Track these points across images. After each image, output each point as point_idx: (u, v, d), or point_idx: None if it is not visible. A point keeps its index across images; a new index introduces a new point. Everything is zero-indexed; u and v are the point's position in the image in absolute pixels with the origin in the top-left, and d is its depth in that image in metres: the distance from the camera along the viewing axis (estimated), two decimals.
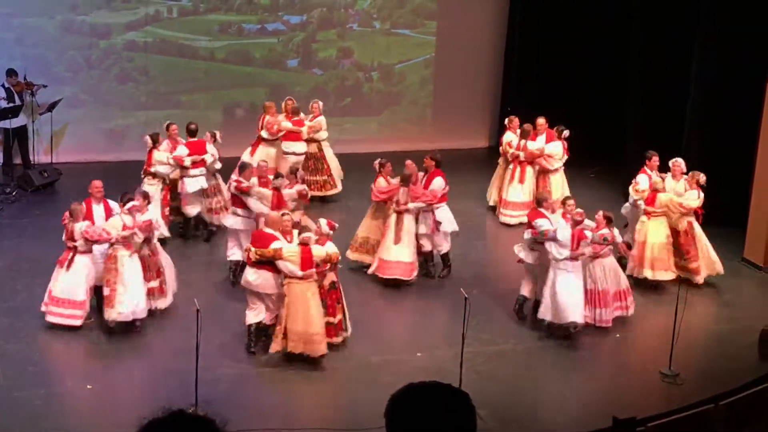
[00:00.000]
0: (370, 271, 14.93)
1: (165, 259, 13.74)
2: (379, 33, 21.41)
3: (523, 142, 17.33)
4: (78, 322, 13.07)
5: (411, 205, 14.82)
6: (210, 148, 16.10)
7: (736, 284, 15.64)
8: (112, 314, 12.93)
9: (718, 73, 17.10)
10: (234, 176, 15.10)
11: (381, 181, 15.05)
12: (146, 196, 13.58)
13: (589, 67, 20.62)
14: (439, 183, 15.01)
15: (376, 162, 15.29)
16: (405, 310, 14.58)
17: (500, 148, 17.94)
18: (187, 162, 15.80)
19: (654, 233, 15.01)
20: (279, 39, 20.83)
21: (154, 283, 13.39)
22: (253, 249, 12.66)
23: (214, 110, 20.27)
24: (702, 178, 14.98)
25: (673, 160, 15.35)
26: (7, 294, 14.03)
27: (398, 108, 21.82)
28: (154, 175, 15.77)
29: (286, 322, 12.38)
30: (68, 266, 13.06)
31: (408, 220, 14.90)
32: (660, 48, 18.55)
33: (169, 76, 20.23)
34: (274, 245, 12.55)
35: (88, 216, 13.31)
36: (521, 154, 17.31)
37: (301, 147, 17.55)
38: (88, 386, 12.02)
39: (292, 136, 17.50)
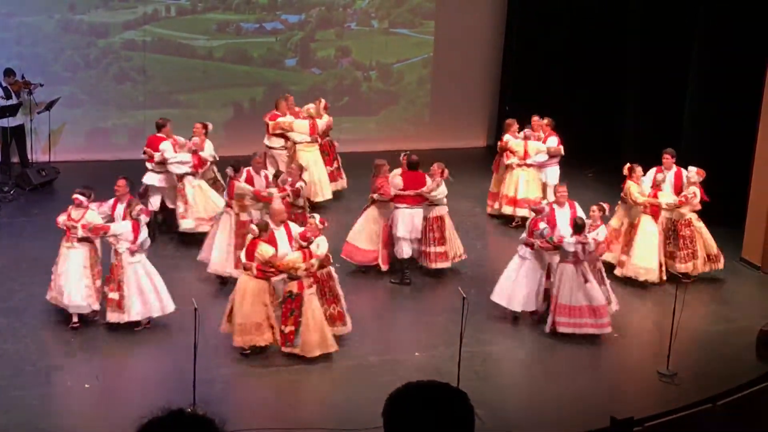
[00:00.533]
0: None
1: (136, 276, 13.16)
2: (378, 32, 21.41)
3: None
4: None
5: (375, 195, 15.05)
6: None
7: (734, 284, 15.65)
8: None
9: (716, 73, 17.12)
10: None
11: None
12: (130, 204, 13.51)
13: (588, 67, 20.61)
14: (392, 180, 15.03)
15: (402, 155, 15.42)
16: (403, 309, 14.58)
17: None
18: (144, 154, 16.07)
19: (616, 218, 15.49)
20: (277, 38, 20.82)
21: (114, 295, 13.06)
22: None
23: (212, 109, 20.23)
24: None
25: (690, 168, 15.38)
26: (5, 294, 14.02)
27: (396, 107, 21.82)
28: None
29: (231, 306, 12.65)
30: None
31: (371, 210, 15.14)
32: (658, 48, 18.57)
33: (167, 76, 20.22)
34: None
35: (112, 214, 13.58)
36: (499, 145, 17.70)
37: (270, 142, 17.63)
38: (86, 385, 12.02)
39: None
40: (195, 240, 16.09)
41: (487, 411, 11.06)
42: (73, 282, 13.02)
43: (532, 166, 17.20)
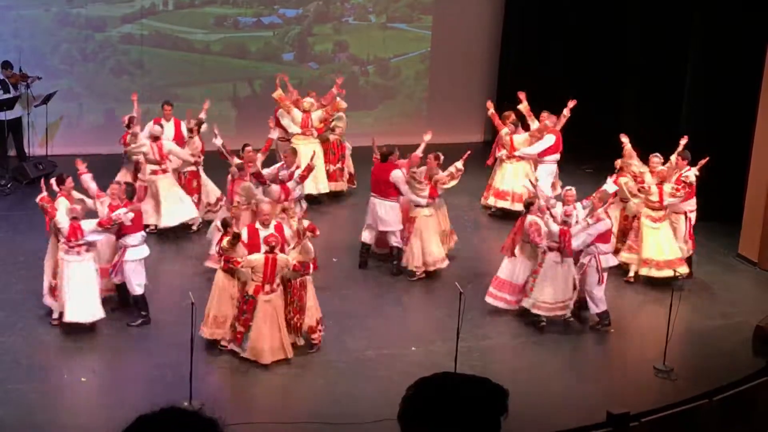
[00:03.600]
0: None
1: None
2: (375, 27, 21.40)
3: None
4: None
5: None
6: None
7: (730, 280, 15.66)
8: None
9: (713, 69, 17.13)
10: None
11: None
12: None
13: (586, 62, 20.61)
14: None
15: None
16: (400, 304, 14.57)
17: None
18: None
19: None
20: (275, 32, 20.80)
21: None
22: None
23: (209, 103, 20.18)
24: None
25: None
26: (2, 287, 14.01)
27: (393, 102, 21.81)
28: None
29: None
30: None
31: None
32: (657, 44, 18.58)
33: (164, 69, 20.20)
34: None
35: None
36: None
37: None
38: (83, 379, 12.02)
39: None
40: (193, 234, 16.09)
41: None
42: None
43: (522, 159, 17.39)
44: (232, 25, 20.48)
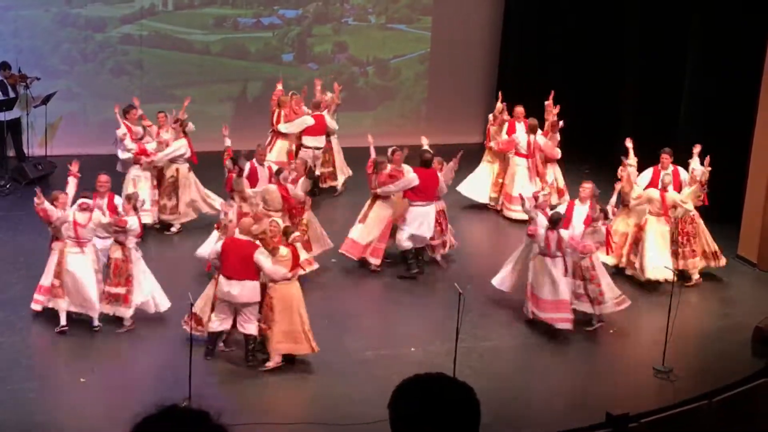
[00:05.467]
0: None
1: (143, 270, 13.34)
2: (375, 28, 21.40)
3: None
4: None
5: (379, 191, 15.01)
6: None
7: (730, 281, 15.66)
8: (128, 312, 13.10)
9: (712, 70, 17.14)
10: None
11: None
12: (130, 198, 13.56)
13: (585, 63, 20.62)
14: (408, 176, 15.19)
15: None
16: (399, 305, 14.57)
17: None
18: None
19: (621, 221, 15.16)
20: (274, 33, 20.81)
21: (120, 290, 13.01)
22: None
23: (208, 104, 20.21)
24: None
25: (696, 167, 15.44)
26: (2, 287, 14.01)
27: (393, 103, 21.81)
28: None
29: (276, 327, 12.26)
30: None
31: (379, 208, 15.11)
32: (656, 44, 18.59)
33: (163, 70, 20.21)
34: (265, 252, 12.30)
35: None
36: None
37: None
38: (82, 379, 12.01)
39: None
40: (190, 235, 16.09)
41: (483, 406, 11.06)
42: (91, 286, 12.91)
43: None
44: (231, 26, 20.49)
